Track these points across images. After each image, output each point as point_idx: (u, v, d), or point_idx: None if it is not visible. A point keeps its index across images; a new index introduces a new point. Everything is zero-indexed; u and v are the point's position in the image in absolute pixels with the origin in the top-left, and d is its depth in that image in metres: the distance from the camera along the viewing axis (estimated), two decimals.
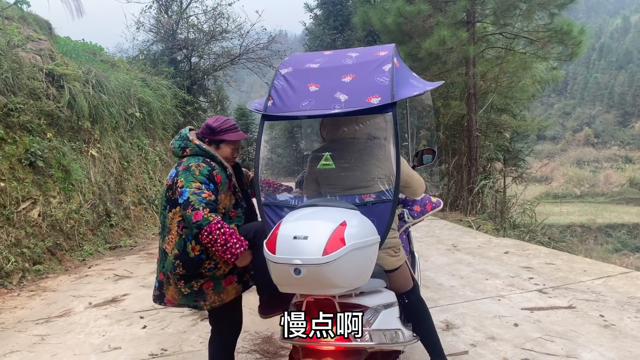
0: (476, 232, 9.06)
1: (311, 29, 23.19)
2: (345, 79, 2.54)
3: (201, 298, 2.64)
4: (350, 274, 2.08)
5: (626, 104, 71.08)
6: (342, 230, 2.03)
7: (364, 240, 2.11)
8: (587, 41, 11.20)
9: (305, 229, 2.06)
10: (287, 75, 2.67)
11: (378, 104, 2.36)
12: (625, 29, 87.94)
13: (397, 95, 2.40)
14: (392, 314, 2.42)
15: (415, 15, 10.68)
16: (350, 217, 2.15)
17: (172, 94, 15.04)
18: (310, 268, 1.97)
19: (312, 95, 2.52)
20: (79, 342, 4.13)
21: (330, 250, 1.96)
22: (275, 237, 2.08)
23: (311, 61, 2.76)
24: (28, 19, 9.49)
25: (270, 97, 2.58)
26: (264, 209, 2.50)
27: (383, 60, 2.59)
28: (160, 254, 2.73)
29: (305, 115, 2.50)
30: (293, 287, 2.15)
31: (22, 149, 6.84)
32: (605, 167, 56.25)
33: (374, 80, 2.47)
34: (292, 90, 2.58)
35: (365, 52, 2.77)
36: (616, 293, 4.83)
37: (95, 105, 9.01)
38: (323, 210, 2.27)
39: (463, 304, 4.68)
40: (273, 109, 2.55)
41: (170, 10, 19.05)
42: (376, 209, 2.37)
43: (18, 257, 6.22)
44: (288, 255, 2.00)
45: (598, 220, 35.29)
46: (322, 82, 2.58)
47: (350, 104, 2.41)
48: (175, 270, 2.59)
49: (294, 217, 2.21)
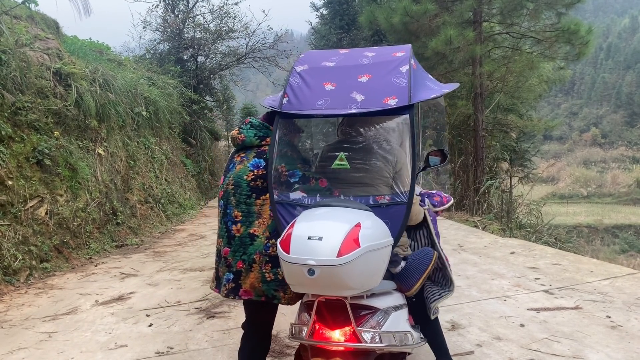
0: (482, 232, 9.04)
1: (317, 29, 23.15)
2: (362, 79, 2.51)
3: (281, 288, 2.56)
4: (363, 275, 2.07)
5: (634, 104, 70.58)
6: (357, 231, 2.02)
7: (377, 242, 2.10)
8: (595, 41, 11.15)
9: (320, 230, 2.05)
10: (303, 72, 2.64)
11: (395, 106, 2.34)
12: (633, 28, 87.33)
13: (415, 97, 2.38)
14: (401, 316, 2.42)
15: (421, 15, 10.66)
16: (365, 219, 2.14)
17: (178, 93, 15.10)
18: (324, 269, 1.96)
19: (328, 94, 2.50)
20: (85, 339, 4.15)
21: (344, 252, 1.96)
22: (290, 236, 2.07)
23: (327, 59, 2.73)
24: (36, 18, 9.54)
25: (286, 94, 2.55)
26: (277, 207, 2.48)
27: (400, 61, 2.57)
28: (236, 242, 2.62)
29: (321, 114, 2.48)
30: (306, 288, 2.15)
31: (29, 148, 6.88)
32: (613, 168, 55.92)
33: (391, 81, 2.45)
34: (308, 88, 2.55)
35: (382, 52, 2.75)
36: (623, 294, 4.80)
37: (102, 104, 9.05)
38: (337, 210, 2.26)
39: (469, 304, 4.67)
40: (288, 106, 2.52)
41: (177, 10, 19.13)
42: (390, 210, 2.35)
43: (25, 254, 6.26)
44: (302, 256, 2.00)
45: (605, 221, 35.13)
46: (338, 81, 2.55)
47: (367, 105, 2.39)
48: (268, 251, 2.55)
49: (308, 217, 2.20)
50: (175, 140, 15.34)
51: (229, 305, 4.84)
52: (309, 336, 2.20)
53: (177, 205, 12.39)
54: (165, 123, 13.50)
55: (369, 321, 2.22)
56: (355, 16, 19.54)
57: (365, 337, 2.16)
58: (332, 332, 2.18)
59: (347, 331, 2.17)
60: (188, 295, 5.32)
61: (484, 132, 11.87)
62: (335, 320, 2.19)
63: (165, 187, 12.07)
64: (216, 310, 4.74)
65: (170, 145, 14.12)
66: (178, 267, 6.76)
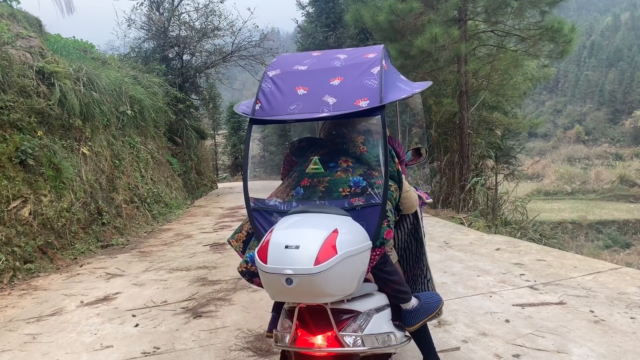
0: (468, 229, 9.10)
1: (303, 27, 23.15)
2: (334, 82, 2.51)
3: None
4: (342, 282, 2.07)
5: (616, 102, 71.65)
6: (334, 238, 2.02)
7: (356, 248, 2.10)
8: (578, 39, 11.29)
9: (297, 238, 2.04)
10: (275, 77, 2.63)
11: (366, 107, 2.34)
12: (616, 27, 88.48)
13: (386, 98, 2.39)
14: (384, 317, 2.42)
15: (407, 13, 10.70)
16: (342, 224, 2.13)
17: (163, 92, 15.00)
18: (302, 278, 1.95)
19: (301, 98, 2.49)
20: (70, 340, 4.11)
21: (322, 260, 1.95)
22: (267, 245, 2.06)
23: (299, 63, 2.72)
24: (18, 16, 9.41)
25: (258, 100, 2.54)
26: (254, 215, 2.46)
27: (372, 62, 2.57)
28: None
29: (293, 119, 2.48)
30: (285, 296, 2.14)
31: (12, 147, 6.79)
32: (596, 164, 56.72)
33: (363, 83, 2.45)
34: (280, 93, 2.54)
35: (354, 54, 2.75)
36: (606, 289, 4.87)
37: (87, 103, 8.96)
38: (314, 217, 2.24)
39: (455, 301, 4.70)
40: (261, 112, 2.51)
41: (162, 8, 19.01)
42: (365, 212, 2.35)
43: (9, 255, 6.18)
44: (280, 265, 1.98)
45: (589, 217, 35.59)
46: (310, 84, 2.55)
47: (339, 108, 2.39)
48: None
49: (285, 225, 2.18)
50: (161, 139, 15.24)
51: (215, 305, 4.84)
52: (292, 342, 2.20)
53: (163, 204, 12.31)
54: (151, 122, 13.41)
55: (351, 325, 2.22)
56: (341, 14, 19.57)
57: (347, 342, 2.17)
58: (315, 338, 2.18)
59: (329, 336, 2.17)
60: (174, 295, 5.29)
61: (469, 129, 11.95)
62: (317, 325, 2.19)
63: (151, 187, 11.99)
64: (203, 310, 4.73)
65: (155, 144, 14.03)
66: (164, 266, 6.73)
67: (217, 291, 5.35)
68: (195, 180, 19.17)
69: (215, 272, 6.24)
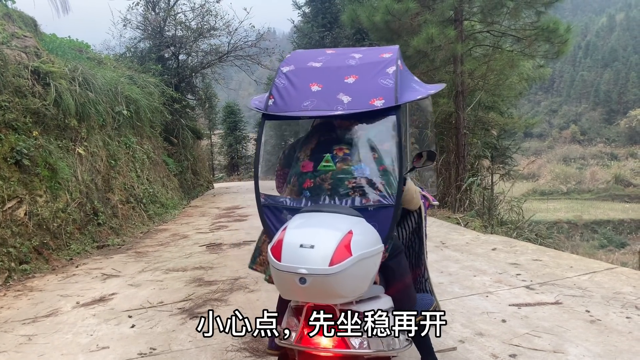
0: (464, 229, 9.12)
1: (300, 27, 23.16)
2: (349, 80, 2.50)
3: None
4: (354, 283, 2.08)
5: (612, 102, 71.94)
6: (349, 239, 2.02)
7: (369, 250, 2.10)
8: (573, 39, 11.34)
9: (312, 237, 2.04)
10: (289, 73, 2.61)
11: (382, 107, 2.34)
12: (611, 27, 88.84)
13: (401, 98, 2.38)
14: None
15: (403, 13, 10.71)
16: (356, 226, 2.13)
17: (159, 92, 14.96)
18: (316, 278, 1.96)
19: (314, 95, 2.48)
20: (66, 341, 4.10)
21: (336, 261, 1.95)
22: (281, 243, 2.06)
23: (314, 59, 2.71)
24: (13, 16, 9.37)
25: (272, 95, 2.53)
26: (264, 211, 2.45)
27: (387, 62, 2.56)
28: None
29: (307, 115, 2.47)
30: (296, 295, 2.14)
31: (7, 148, 6.76)
32: (591, 164, 56.94)
33: (378, 82, 2.44)
34: (294, 89, 2.53)
35: (369, 53, 2.74)
36: (602, 288, 4.88)
37: (82, 103, 8.93)
38: (328, 217, 2.24)
39: (451, 301, 4.71)
40: (274, 108, 2.50)
41: (158, 8, 18.96)
42: (377, 213, 2.33)
43: (4, 256, 6.15)
44: (294, 264, 1.99)
45: (584, 217, 35.76)
46: (324, 82, 2.54)
47: (353, 106, 2.38)
48: None
49: (299, 223, 2.19)
50: (157, 139, 15.19)
51: (212, 305, 4.82)
52: (298, 341, 2.19)
53: (159, 205, 12.28)
54: (147, 122, 13.37)
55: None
56: (337, 14, 19.56)
57: (353, 343, 2.16)
58: (321, 338, 2.17)
59: (336, 337, 2.16)
60: (171, 296, 5.28)
61: (465, 129, 11.98)
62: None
63: (147, 187, 11.96)
64: (199, 311, 4.72)
65: (151, 144, 13.99)
66: (160, 267, 6.71)
67: (213, 292, 5.34)
68: (192, 181, 19.14)
69: (212, 273, 6.23)
